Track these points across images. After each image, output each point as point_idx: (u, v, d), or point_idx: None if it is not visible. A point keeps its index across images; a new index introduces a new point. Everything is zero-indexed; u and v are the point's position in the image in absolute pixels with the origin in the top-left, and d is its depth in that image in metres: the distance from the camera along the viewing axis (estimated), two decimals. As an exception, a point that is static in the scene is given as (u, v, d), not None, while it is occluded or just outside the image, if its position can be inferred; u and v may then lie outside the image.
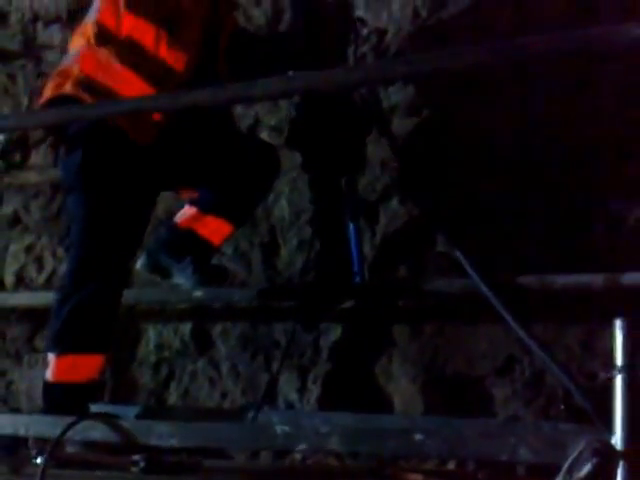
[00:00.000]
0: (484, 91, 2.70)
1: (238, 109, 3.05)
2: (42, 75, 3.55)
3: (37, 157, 3.53)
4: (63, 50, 3.46)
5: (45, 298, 3.22)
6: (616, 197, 2.50)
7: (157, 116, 2.49)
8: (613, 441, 1.58)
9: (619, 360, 1.58)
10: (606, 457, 1.57)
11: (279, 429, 1.98)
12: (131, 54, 2.46)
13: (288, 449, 2.53)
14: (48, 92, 2.53)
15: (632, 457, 1.56)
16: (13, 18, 3.66)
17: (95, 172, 2.48)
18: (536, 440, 1.70)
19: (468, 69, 2.14)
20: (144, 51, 2.46)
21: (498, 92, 2.68)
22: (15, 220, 3.55)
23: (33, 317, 3.37)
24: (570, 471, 1.57)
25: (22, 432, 2.33)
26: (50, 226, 3.44)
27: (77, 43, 2.58)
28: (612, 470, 1.56)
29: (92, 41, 2.50)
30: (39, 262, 3.47)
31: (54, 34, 3.56)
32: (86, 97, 2.43)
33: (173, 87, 2.46)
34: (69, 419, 2.19)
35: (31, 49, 3.60)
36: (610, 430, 1.58)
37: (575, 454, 1.58)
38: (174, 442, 2.12)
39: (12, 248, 3.53)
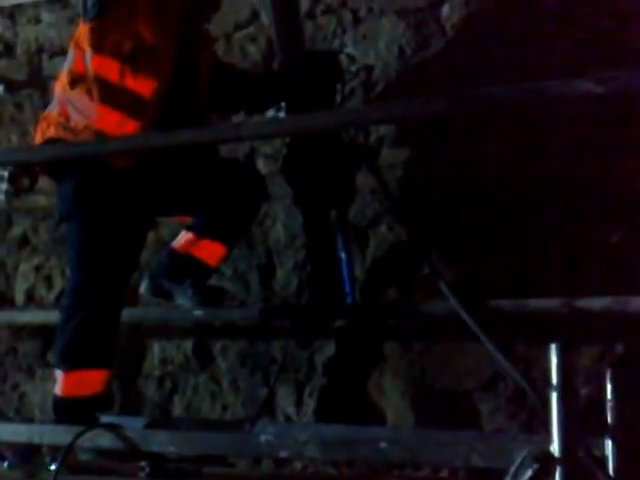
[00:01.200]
0: (466, 123, 2.73)
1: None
2: (48, 104, 3.58)
3: (45, 182, 3.50)
4: None
5: (55, 316, 3.27)
6: (596, 224, 2.56)
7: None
8: (551, 449, 1.67)
9: (554, 379, 1.67)
10: (545, 463, 1.67)
11: (262, 438, 2.08)
12: (100, 89, 2.50)
13: (271, 456, 2.60)
14: (37, 137, 2.62)
15: (567, 463, 1.65)
16: (19, 50, 3.67)
17: (88, 201, 2.53)
18: (485, 448, 1.85)
19: (437, 116, 2.20)
20: (111, 85, 2.50)
21: (480, 124, 2.72)
22: (24, 241, 3.55)
23: (44, 333, 3.36)
24: (515, 475, 1.69)
25: (36, 440, 2.42)
26: (58, 247, 3.43)
27: (56, 91, 2.67)
28: (551, 474, 1.66)
29: (66, 87, 2.57)
30: (48, 281, 3.48)
31: (59, 66, 3.53)
32: (68, 136, 2.51)
33: (146, 112, 2.50)
34: (79, 428, 2.27)
35: (37, 79, 3.61)
36: (549, 439, 1.67)
37: (519, 460, 1.70)
38: (172, 449, 2.23)
39: (22, 268, 3.54)
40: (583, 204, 2.57)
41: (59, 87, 2.64)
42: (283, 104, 2.84)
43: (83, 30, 2.56)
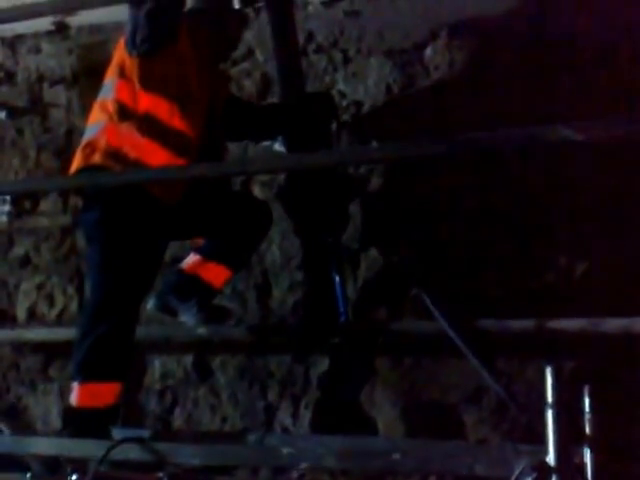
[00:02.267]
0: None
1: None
2: (48, 130, 3.61)
3: (47, 204, 3.57)
4: (69, 109, 3.60)
5: (57, 333, 3.33)
6: (565, 253, 2.73)
7: (181, 182, 2.63)
8: (547, 459, 1.84)
9: (549, 398, 1.85)
10: (543, 472, 1.84)
11: (285, 450, 2.18)
12: (151, 127, 2.58)
13: (292, 467, 2.68)
14: (78, 162, 2.64)
15: (562, 471, 1.83)
16: (20, 78, 3.70)
17: (111, 227, 2.61)
18: (488, 459, 1.99)
19: (429, 158, 2.36)
20: (161, 124, 2.59)
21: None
22: (26, 261, 3.59)
23: (46, 349, 3.43)
24: (516, 483, 1.87)
25: (65, 454, 2.44)
26: (59, 266, 3.50)
27: (98, 117, 2.68)
28: (547, 481, 1.84)
29: (114, 117, 2.61)
30: (50, 299, 3.52)
31: (59, 94, 3.61)
32: (115, 166, 2.56)
33: (191, 152, 2.60)
34: (107, 442, 2.34)
35: (37, 106, 3.65)
36: (545, 451, 1.84)
37: (519, 470, 1.86)
38: (197, 461, 2.31)
39: (24, 286, 3.57)
40: (557, 235, 2.75)
41: (104, 115, 2.64)
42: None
43: (129, 62, 2.59)
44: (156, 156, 2.57)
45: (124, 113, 2.60)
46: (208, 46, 2.71)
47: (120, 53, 2.64)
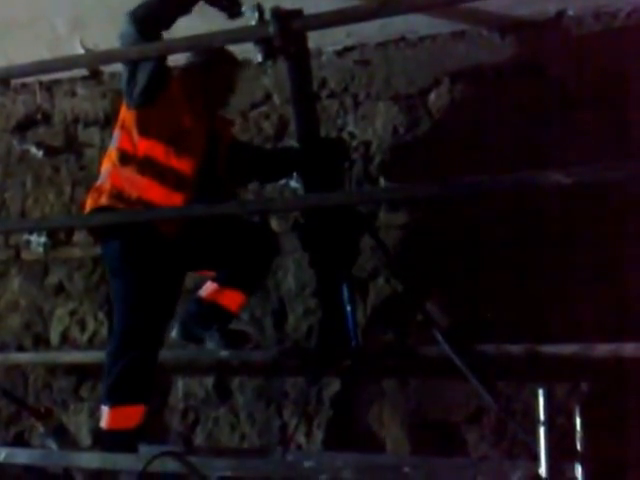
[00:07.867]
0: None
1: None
2: (83, 168, 3.71)
3: (80, 236, 3.66)
4: (101, 149, 3.67)
5: (88, 356, 3.40)
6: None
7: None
8: (540, 471, 1.94)
9: (541, 416, 1.94)
10: None
11: (306, 464, 2.29)
12: (149, 168, 2.70)
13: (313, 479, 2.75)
14: (89, 205, 2.78)
15: None
16: (56, 119, 3.81)
17: (134, 260, 2.70)
18: (488, 472, 2.12)
19: (433, 199, 2.43)
20: (158, 164, 2.70)
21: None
22: (60, 288, 3.67)
23: (77, 371, 3.50)
24: (512, 494, 1.95)
25: (109, 466, 2.57)
26: (91, 294, 3.58)
27: (105, 166, 2.83)
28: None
29: (116, 163, 2.75)
30: (82, 324, 3.60)
31: (93, 134, 3.72)
32: (120, 205, 2.69)
33: (187, 186, 2.71)
34: (146, 456, 2.45)
35: (72, 146, 3.75)
36: (538, 463, 1.94)
37: None
38: (228, 473, 2.41)
39: (58, 312, 3.65)
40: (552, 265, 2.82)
41: (108, 163, 2.80)
42: (295, 174, 3.11)
43: (128, 115, 2.75)
44: (155, 193, 2.68)
45: (125, 158, 2.73)
46: (202, 93, 2.82)
47: (122, 109, 2.80)
